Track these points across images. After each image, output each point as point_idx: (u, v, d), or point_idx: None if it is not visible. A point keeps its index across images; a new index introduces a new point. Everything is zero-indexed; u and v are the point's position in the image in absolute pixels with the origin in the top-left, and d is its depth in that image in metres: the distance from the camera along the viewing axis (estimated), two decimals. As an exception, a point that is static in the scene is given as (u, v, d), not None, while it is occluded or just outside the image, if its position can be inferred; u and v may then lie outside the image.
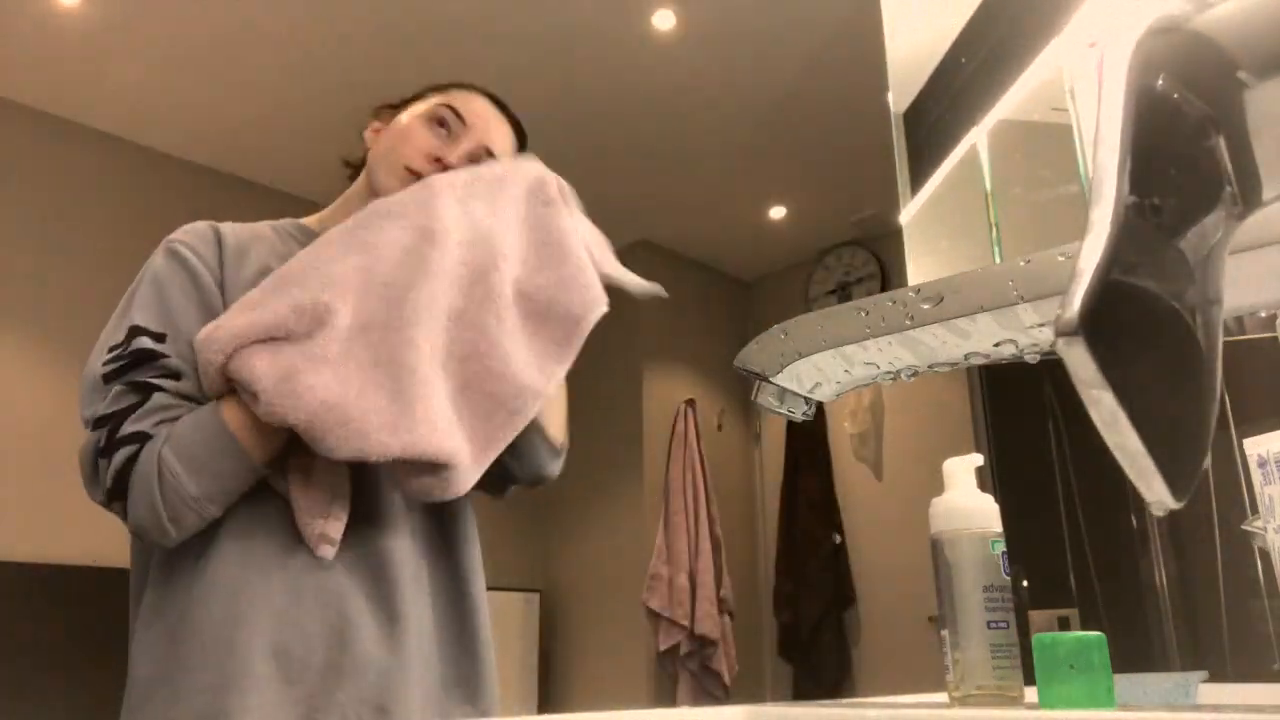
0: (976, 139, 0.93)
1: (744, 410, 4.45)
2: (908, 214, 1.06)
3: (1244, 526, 0.81)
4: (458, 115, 1.09)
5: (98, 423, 0.90)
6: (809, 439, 4.15)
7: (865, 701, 0.64)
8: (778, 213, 4.14)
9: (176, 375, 0.92)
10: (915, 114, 1.09)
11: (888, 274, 4.13)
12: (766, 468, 4.39)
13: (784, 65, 3.14)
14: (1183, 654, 2.18)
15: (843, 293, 4.27)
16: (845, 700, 0.66)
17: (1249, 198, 0.39)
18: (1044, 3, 0.80)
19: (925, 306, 0.55)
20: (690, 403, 4.08)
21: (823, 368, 0.64)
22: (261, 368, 0.85)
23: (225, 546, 0.91)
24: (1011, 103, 0.86)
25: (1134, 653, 2.29)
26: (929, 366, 0.62)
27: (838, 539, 4.01)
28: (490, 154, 1.09)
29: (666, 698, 3.79)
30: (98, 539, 3.13)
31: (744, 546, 4.29)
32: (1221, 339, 0.37)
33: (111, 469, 0.88)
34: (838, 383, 0.66)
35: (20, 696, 2.80)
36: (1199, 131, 0.37)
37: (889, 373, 0.63)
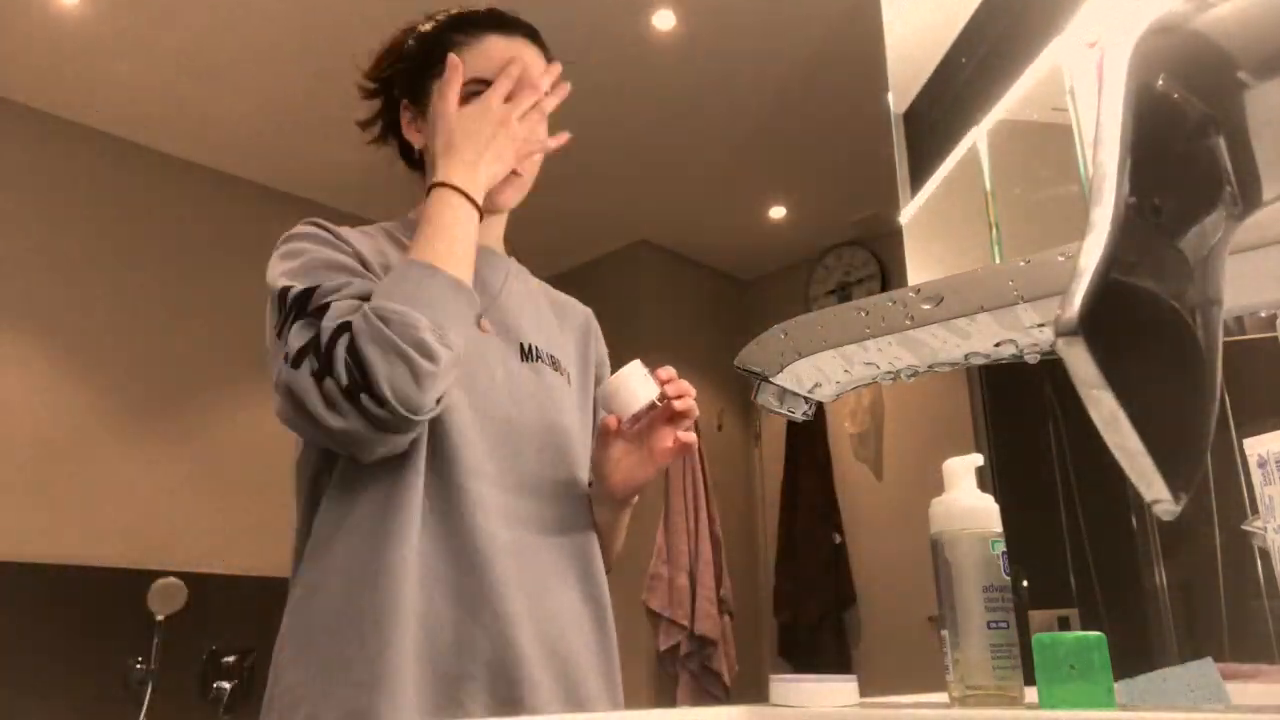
0: (976, 139, 0.93)
1: (744, 410, 4.45)
2: (908, 214, 1.06)
3: (1244, 526, 0.81)
4: (487, 83, 1.05)
5: (299, 354, 0.86)
6: (809, 439, 4.15)
7: (865, 701, 0.64)
8: (778, 213, 4.14)
9: (340, 288, 0.92)
10: (915, 114, 1.09)
11: (888, 274, 4.13)
12: (766, 468, 4.39)
13: (784, 65, 3.14)
14: (1183, 654, 2.18)
15: (843, 293, 4.27)
16: (845, 700, 0.66)
17: (1249, 198, 0.39)
18: (1044, 3, 0.80)
19: (925, 306, 0.55)
20: (690, 403, 4.07)
21: (823, 368, 0.64)
22: None
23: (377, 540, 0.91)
24: (1011, 103, 0.86)
25: (1134, 653, 2.29)
26: (929, 366, 0.62)
27: (838, 539, 4.00)
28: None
29: (666, 697, 3.79)
30: (98, 539, 3.13)
31: (744, 546, 4.29)
32: (1221, 339, 0.37)
33: (340, 359, 0.84)
34: (838, 383, 0.66)
35: (21, 696, 2.80)
36: (1199, 131, 0.37)
37: (889, 373, 0.63)
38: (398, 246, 1.07)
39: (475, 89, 1.04)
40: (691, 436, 1.03)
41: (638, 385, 0.99)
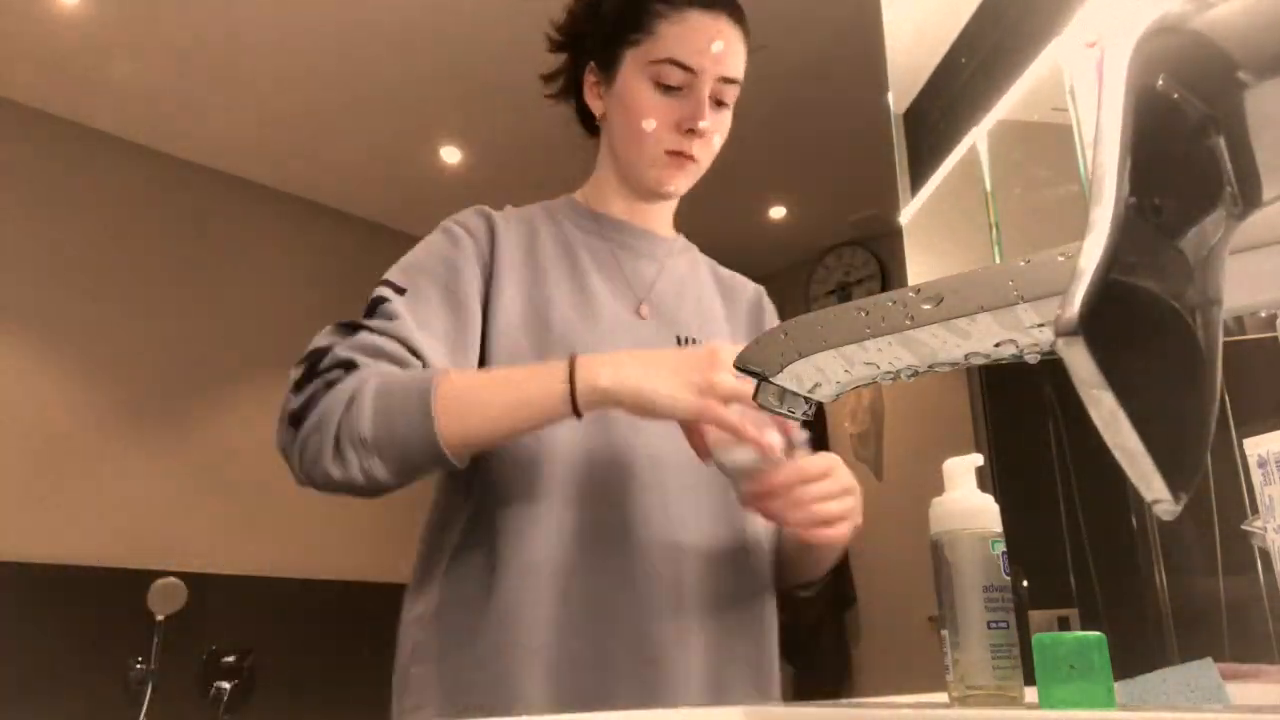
0: (976, 139, 0.93)
1: (744, 410, 4.44)
2: (908, 214, 1.06)
3: (1244, 526, 0.81)
4: (682, 66, 0.97)
5: (301, 359, 0.88)
6: (809, 439, 4.14)
7: (865, 701, 0.64)
8: (778, 213, 4.14)
9: (392, 317, 0.89)
10: (915, 114, 1.09)
11: (888, 274, 4.13)
12: (766, 468, 4.38)
13: (784, 65, 3.14)
14: (1183, 654, 2.18)
15: (843, 293, 4.27)
16: (845, 700, 0.66)
17: (1249, 198, 0.39)
18: (1044, 3, 0.80)
19: (925, 306, 0.55)
20: (690, 403, 4.06)
21: (823, 368, 0.64)
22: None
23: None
24: (1011, 103, 0.86)
25: (1134, 653, 2.29)
26: (929, 366, 0.62)
27: (838, 539, 4.00)
28: (730, 80, 1.00)
29: (666, 698, 3.79)
30: (98, 539, 3.13)
31: (744, 546, 4.29)
32: (1221, 339, 0.37)
33: (309, 387, 0.85)
34: (838, 383, 0.66)
35: (20, 696, 2.80)
36: (1199, 131, 0.37)
37: (889, 373, 0.63)
38: (552, 225, 1.04)
39: (667, 73, 0.97)
40: (831, 532, 0.91)
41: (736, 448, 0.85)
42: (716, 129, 1.02)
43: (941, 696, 0.61)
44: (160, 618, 2.71)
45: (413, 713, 0.89)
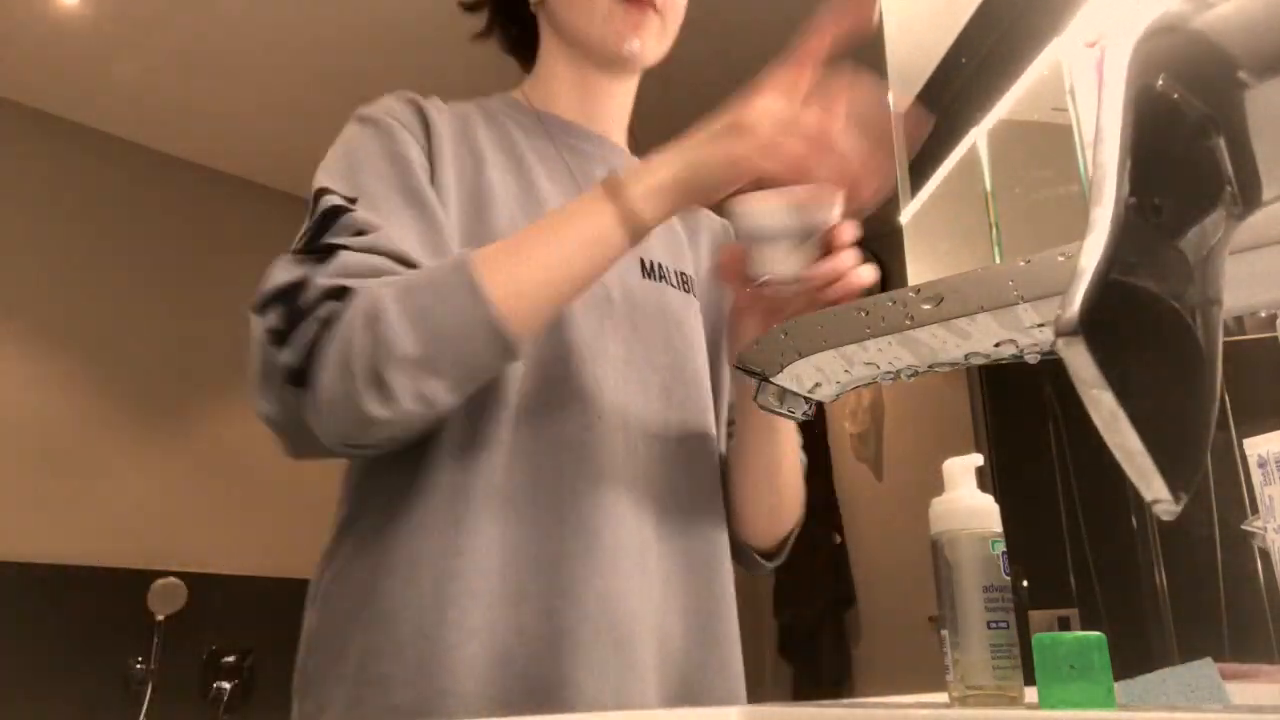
0: (976, 139, 0.93)
1: (744, 410, 4.44)
2: (908, 214, 1.06)
3: (1244, 526, 0.81)
4: None
5: (270, 297, 0.69)
6: (809, 439, 4.13)
7: (865, 701, 0.64)
8: (778, 213, 4.14)
9: (365, 228, 0.72)
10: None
11: (888, 274, 4.13)
12: (766, 468, 4.39)
13: (784, 65, 3.14)
14: (1183, 654, 2.18)
15: (843, 293, 4.27)
16: (845, 700, 0.66)
17: (1249, 198, 0.39)
18: (1044, 3, 0.80)
19: (925, 306, 0.55)
20: (690, 403, 4.07)
21: (823, 368, 0.64)
22: None
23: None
24: (1011, 103, 0.87)
25: (1134, 653, 2.29)
26: (929, 366, 0.62)
27: (838, 539, 4.00)
28: None
29: (666, 698, 3.79)
30: (98, 539, 3.13)
31: (744, 546, 4.29)
32: (1221, 339, 0.37)
33: (303, 335, 0.67)
34: (838, 383, 0.66)
35: (21, 696, 2.80)
36: (1199, 131, 0.37)
37: (889, 373, 0.63)
38: (491, 124, 0.89)
39: None
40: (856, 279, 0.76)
41: (781, 243, 0.69)
42: None
43: (941, 696, 0.61)
44: (160, 618, 2.71)
45: (313, 718, 0.74)
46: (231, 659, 2.83)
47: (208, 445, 3.47)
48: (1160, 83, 0.36)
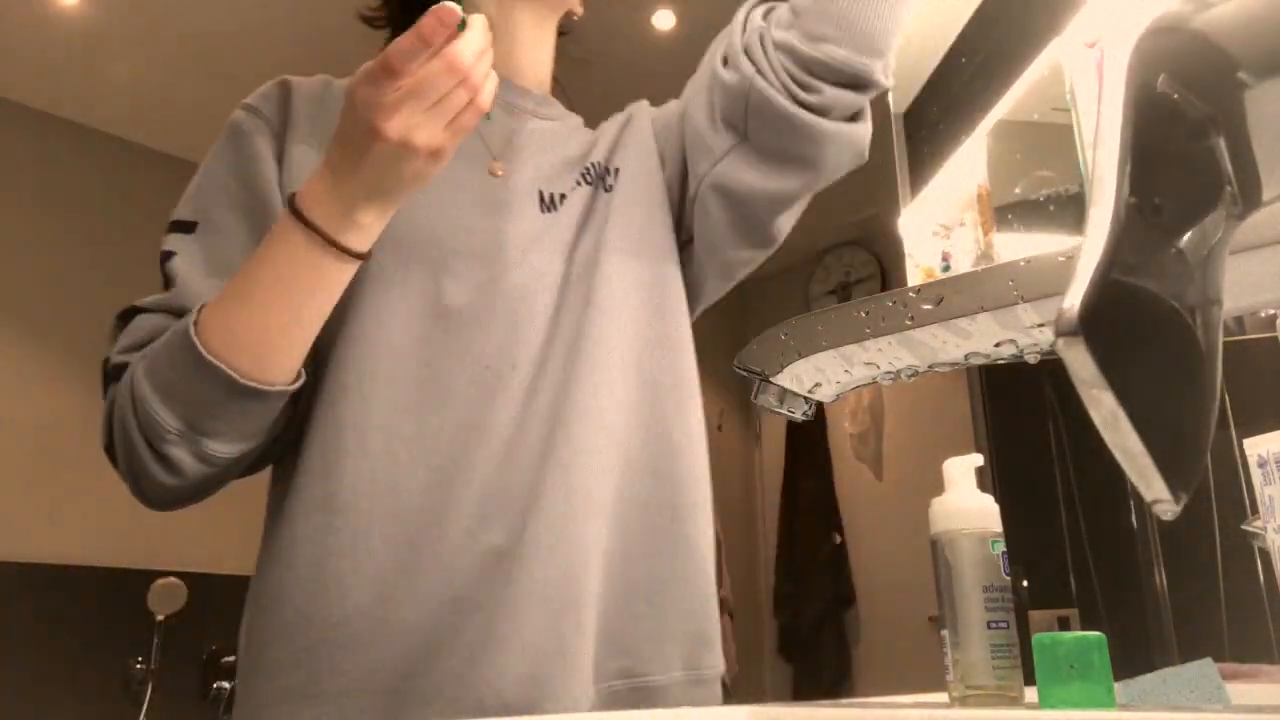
0: (976, 139, 0.93)
1: (744, 410, 4.45)
2: (908, 214, 1.06)
3: (1244, 526, 0.81)
4: None
5: (113, 366, 0.74)
6: (809, 439, 4.14)
7: (865, 701, 0.64)
8: (778, 213, 4.14)
9: (170, 281, 0.75)
10: (915, 114, 1.09)
11: (888, 274, 4.13)
12: (766, 468, 4.39)
13: (784, 65, 3.14)
14: (1183, 654, 2.18)
15: (843, 293, 4.27)
16: (845, 700, 0.66)
17: (1249, 198, 0.39)
18: (1044, 3, 0.80)
19: (925, 306, 0.55)
20: (690, 403, 4.07)
21: (823, 368, 0.64)
22: None
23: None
24: (1011, 103, 0.87)
25: (1134, 653, 2.29)
26: (929, 366, 0.62)
27: (838, 539, 4.01)
28: None
29: (666, 698, 3.79)
30: (98, 539, 3.13)
31: (744, 546, 4.29)
32: (1221, 339, 0.37)
33: (103, 417, 0.73)
34: (838, 383, 0.66)
35: (21, 696, 2.80)
36: (1199, 131, 0.37)
37: (889, 373, 0.63)
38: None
39: None
40: None
41: None
42: None
43: (941, 696, 0.61)
44: (160, 618, 2.71)
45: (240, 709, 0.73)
46: (231, 659, 2.83)
47: (208, 445, 3.47)
48: (1160, 83, 0.36)
